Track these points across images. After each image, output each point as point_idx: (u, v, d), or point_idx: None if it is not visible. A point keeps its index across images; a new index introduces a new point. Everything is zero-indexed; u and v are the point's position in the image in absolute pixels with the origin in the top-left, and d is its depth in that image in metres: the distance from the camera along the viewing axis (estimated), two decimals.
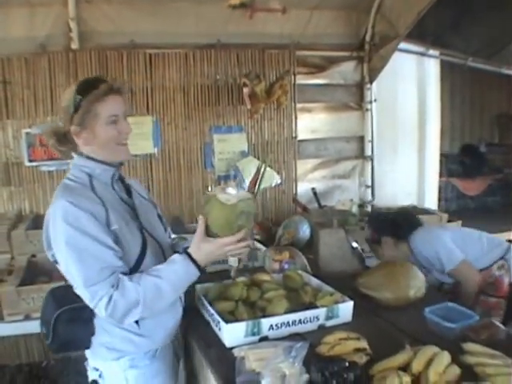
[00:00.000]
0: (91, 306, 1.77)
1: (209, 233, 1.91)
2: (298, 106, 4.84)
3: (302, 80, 4.87)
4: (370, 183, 5.30)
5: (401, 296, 2.33)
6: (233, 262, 2.74)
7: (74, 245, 1.75)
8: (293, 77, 4.74)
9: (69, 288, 1.87)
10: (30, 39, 4.09)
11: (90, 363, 2.05)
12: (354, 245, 2.98)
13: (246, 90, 4.26)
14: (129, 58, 4.30)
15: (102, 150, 1.94)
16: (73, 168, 1.99)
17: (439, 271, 3.01)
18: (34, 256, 3.73)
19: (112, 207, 1.89)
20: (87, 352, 2.04)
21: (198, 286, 2.38)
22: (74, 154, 2.00)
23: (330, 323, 2.13)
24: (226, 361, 1.85)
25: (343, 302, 2.18)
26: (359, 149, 5.30)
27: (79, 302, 1.84)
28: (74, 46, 4.15)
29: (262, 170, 2.74)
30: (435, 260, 2.96)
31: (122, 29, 4.26)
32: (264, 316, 2.09)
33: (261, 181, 2.75)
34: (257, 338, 2.00)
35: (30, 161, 4.07)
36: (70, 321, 1.93)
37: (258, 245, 3.14)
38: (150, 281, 1.81)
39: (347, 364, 1.63)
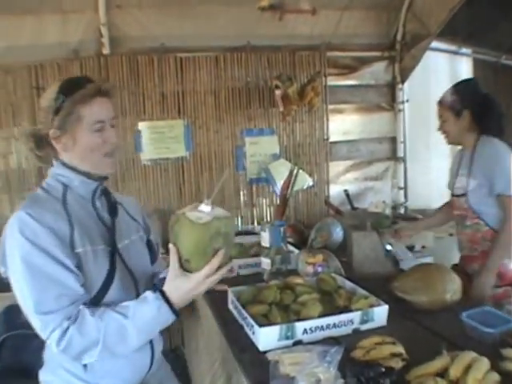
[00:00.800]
0: (42, 336, 1.53)
1: (181, 262, 1.58)
2: (330, 107, 4.81)
3: (333, 81, 4.83)
4: (402, 185, 5.24)
5: (437, 299, 2.26)
6: (266, 264, 2.74)
7: (29, 262, 1.50)
8: (324, 78, 4.71)
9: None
10: (63, 45, 4.12)
11: None
12: (388, 247, 2.94)
13: (278, 92, 4.24)
14: (159, 62, 4.32)
15: (81, 160, 1.73)
16: (49, 176, 1.79)
17: (482, 193, 2.87)
18: None
19: (81, 226, 1.66)
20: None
21: (231, 289, 2.36)
22: (54, 161, 1.79)
23: (364, 327, 2.08)
24: (259, 365, 1.81)
25: (378, 305, 2.14)
26: (391, 150, 5.22)
27: (30, 328, 1.56)
28: (106, 51, 4.19)
29: (295, 172, 2.73)
30: (488, 176, 2.79)
31: (153, 33, 4.28)
32: (298, 320, 2.05)
33: (293, 183, 2.75)
34: (291, 341, 1.96)
35: None
36: (17, 349, 1.73)
37: (291, 248, 3.11)
38: (114, 319, 1.54)
39: (383, 369, 1.59)
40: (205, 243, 1.52)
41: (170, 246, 1.56)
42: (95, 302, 1.64)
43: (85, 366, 1.64)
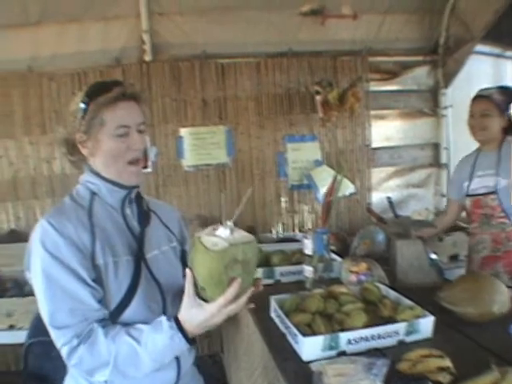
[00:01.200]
0: (57, 347, 1.50)
1: (197, 289, 1.47)
2: (372, 113, 4.77)
3: (374, 87, 4.79)
4: (445, 192, 5.10)
5: (485, 311, 2.18)
6: (308, 272, 2.72)
7: (47, 273, 1.48)
8: (365, 83, 4.67)
9: None
10: (105, 52, 4.22)
11: None
12: (433, 256, 2.88)
13: (318, 98, 4.23)
14: (201, 68, 4.36)
15: (105, 166, 1.67)
16: (81, 183, 1.75)
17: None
18: None
19: (105, 237, 1.61)
20: None
21: (274, 297, 2.34)
22: (85, 167, 1.74)
23: (409, 339, 2.02)
24: (302, 375, 1.77)
25: (424, 316, 2.07)
26: (434, 156, 5.13)
27: None
28: (148, 58, 4.25)
29: (339, 178, 2.70)
30: None
31: (194, 39, 4.32)
32: (342, 330, 2.01)
33: (337, 190, 2.71)
34: (334, 352, 1.92)
35: None
36: (42, 355, 1.71)
37: (333, 256, 3.07)
38: (126, 343, 1.48)
39: (431, 383, 1.55)
40: (219, 272, 1.39)
41: (187, 271, 1.47)
42: (116, 314, 1.60)
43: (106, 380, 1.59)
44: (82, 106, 1.61)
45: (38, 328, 1.74)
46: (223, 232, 1.45)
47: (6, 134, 4.26)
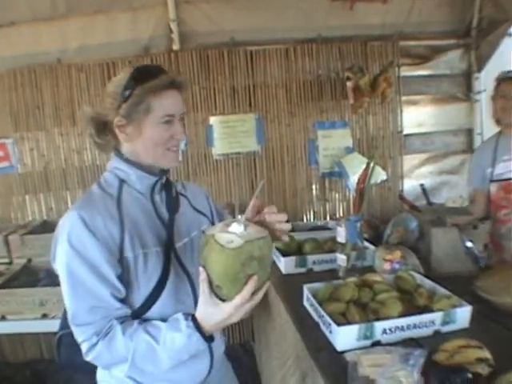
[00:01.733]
0: (77, 341, 1.53)
1: (213, 287, 1.41)
2: (403, 98, 4.67)
3: (406, 71, 4.69)
4: None
5: None
6: (341, 261, 2.68)
7: (71, 270, 1.47)
8: (397, 68, 4.58)
9: None
10: (134, 42, 4.24)
11: None
12: (469, 244, 2.82)
13: (349, 84, 4.16)
14: (230, 56, 4.33)
15: (145, 153, 1.63)
16: (108, 171, 1.72)
17: None
18: (30, 260, 3.81)
19: (134, 228, 1.58)
20: None
21: (307, 286, 2.31)
22: (112, 153, 1.72)
23: (445, 329, 1.98)
24: (337, 365, 1.75)
25: (461, 306, 2.02)
26: (467, 142, 5.01)
27: None
28: (176, 46, 4.25)
29: (372, 165, 2.65)
30: None
31: (222, 27, 4.29)
32: (377, 319, 1.97)
33: (370, 177, 2.67)
34: (369, 342, 1.89)
35: None
36: (72, 345, 1.64)
37: (366, 244, 3.03)
38: (144, 341, 1.47)
39: (470, 375, 1.50)
40: (236, 270, 1.34)
41: (200, 269, 1.40)
42: (145, 308, 1.60)
43: None
44: (127, 89, 1.56)
45: (64, 322, 1.74)
46: (237, 228, 1.39)
47: (36, 126, 4.33)
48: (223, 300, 1.40)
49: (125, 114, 1.57)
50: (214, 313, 1.42)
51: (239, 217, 1.44)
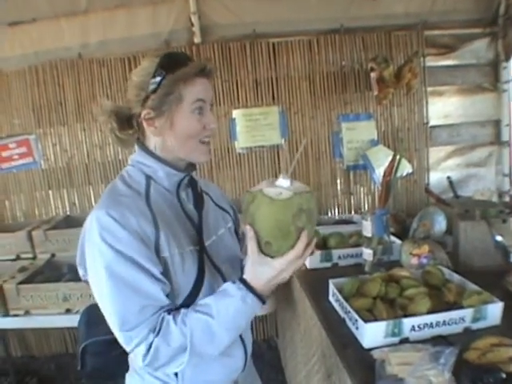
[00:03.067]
0: (127, 350, 1.41)
1: (261, 245, 1.37)
2: (429, 89, 4.58)
3: (431, 62, 4.59)
4: (507, 171, 4.89)
5: None
6: (367, 255, 2.63)
7: (112, 271, 1.36)
8: (422, 59, 4.49)
9: None
10: (155, 36, 4.24)
11: None
12: (498, 238, 2.75)
13: (373, 75, 4.10)
14: (252, 48, 4.29)
15: (177, 146, 1.55)
16: (131, 165, 1.62)
17: None
18: (53, 255, 3.82)
19: (168, 227, 1.49)
20: None
21: (333, 281, 2.27)
22: (136, 147, 1.63)
23: (476, 326, 1.92)
24: (364, 363, 1.71)
25: (492, 302, 1.96)
26: (495, 134, 4.89)
27: (110, 333, 1.43)
28: (197, 40, 4.23)
29: (398, 157, 2.60)
30: None
31: (243, 19, 4.25)
32: (405, 315, 1.93)
33: (396, 169, 2.61)
34: (397, 339, 1.85)
35: None
36: (98, 354, 1.62)
37: (393, 238, 2.98)
38: (198, 321, 1.39)
39: (504, 375, 1.45)
40: (287, 222, 1.31)
41: (247, 227, 1.36)
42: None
43: (176, 372, 1.53)
44: (155, 78, 1.47)
45: (87, 332, 1.72)
46: (284, 182, 1.37)
47: (59, 121, 4.36)
48: (272, 258, 1.36)
49: (154, 105, 1.49)
50: (265, 271, 1.38)
51: (283, 174, 1.40)
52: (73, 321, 3.18)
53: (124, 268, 1.36)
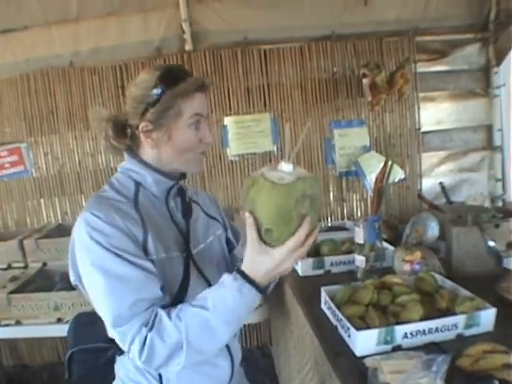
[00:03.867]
0: (124, 349, 1.39)
1: (261, 233, 1.31)
2: (421, 95, 4.58)
3: (423, 67, 4.60)
4: (500, 176, 4.90)
5: None
6: (359, 262, 2.63)
7: (102, 267, 1.36)
8: (413, 65, 4.50)
9: (93, 316, 1.49)
10: (146, 44, 4.25)
11: None
12: (491, 243, 2.75)
13: (365, 81, 4.11)
14: (243, 55, 4.29)
15: (174, 158, 1.57)
16: (120, 172, 1.64)
17: None
18: (45, 264, 3.80)
19: (155, 231, 1.49)
20: None
21: (325, 289, 2.26)
22: (126, 155, 1.65)
23: (468, 332, 1.91)
24: (356, 371, 1.69)
25: (485, 308, 1.95)
26: (487, 139, 4.89)
27: (97, 341, 1.47)
28: (188, 47, 4.25)
29: (390, 163, 2.59)
30: None
31: (235, 26, 4.26)
32: (397, 323, 1.92)
33: (389, 175, 2.61)
34: (390, 346, 1.83)
35: None
36: (85, 362, 1.62)
37: (385, 244, 2.98)
38: (193, 315, 1.35)
39: (497, 382, 1.44)
40: (289, 208, 1.24)
41: (246, 214, 1.30)
42: None
43: (160, 380, 1.53)
44: (156, 93, 1.49)
45: (75, 338, 1.73)
46: (286, 167, 1.32)
47: (50, 130, 4.35)
48: (273, 247, 1.31)
49: (153, 119, 1.51)
50: (264, 261, 1.32)
51: (285, 158, 1.34)
52: (64, 330, 3.17)
53: (114, 264, 1.36)
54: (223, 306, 1.34)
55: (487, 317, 1.93)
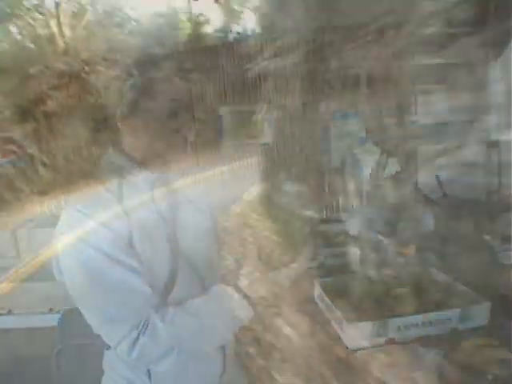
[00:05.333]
0: (111, 346, 1.40)
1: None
2: (417, 87, 4.61)
3: (419, 60, 4.59)
4: (496, 170, 4.91)
5: None
6: (354, 254, 2.63)
7: (89, 268, 1.34)
8: (410, 57, 4.49)
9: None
10: None
11: None
12: (486, 238, 2.76)
13: (363, 73, 4.11)
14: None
15: (150, 147, 1.52)
16: (103, 165, 1.57)
17: None
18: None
19: (141, 225, 1.45)
20: None
21: (318, 281, 2.26)
22: (110, 148, 1.58)
23: (463, 326, 1.92)
24: (348, 364, 1.71)
25: (479, 302, 1.96)
26: (484, 132, 4.90)
27: (86, 336, 1.43)
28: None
29: (384, 156, 2.59)
30: None
31: None
32: (391, 315, 1.91)
33: (384, 168, 2.60)
34: (383, 339, 1.84)
35: None
36: (73, 358, 1.62)
37: (380, 236, 2.98)
38: (187, 321, 1.39)
39: (490, 377, 1.43)
40: None
41: None
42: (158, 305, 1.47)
43: (149, 375, 1.51)
44: (131, 78, 1.44)
45: (63, 334, 1.76)
46: None
47: None
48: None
49: (128, 105, 1.45)
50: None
51: None
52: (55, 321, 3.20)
53: (98, 261, 1.34)
54: (217, 315, 1.40)
55: (482, 311, 1.94)
